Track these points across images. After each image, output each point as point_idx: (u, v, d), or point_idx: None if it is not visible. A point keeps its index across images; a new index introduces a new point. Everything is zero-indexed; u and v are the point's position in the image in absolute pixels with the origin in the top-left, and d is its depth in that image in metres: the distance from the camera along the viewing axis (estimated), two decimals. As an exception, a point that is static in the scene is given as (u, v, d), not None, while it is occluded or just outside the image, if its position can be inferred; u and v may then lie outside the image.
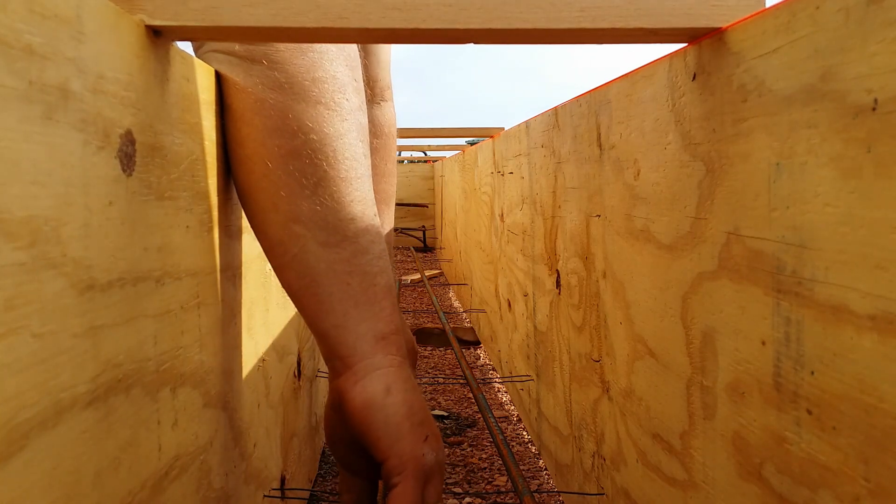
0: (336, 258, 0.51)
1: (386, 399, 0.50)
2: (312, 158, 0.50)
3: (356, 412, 0.50)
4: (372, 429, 0.50)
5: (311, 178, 0.50)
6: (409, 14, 0.39)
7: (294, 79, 0.50)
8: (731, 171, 0.40)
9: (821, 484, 0.32)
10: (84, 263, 0.29)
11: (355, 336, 0.51)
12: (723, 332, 0.42)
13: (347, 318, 0.51)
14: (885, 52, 0.27)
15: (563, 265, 0.85)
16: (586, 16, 0.40)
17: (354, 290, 0.51)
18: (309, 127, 0.50)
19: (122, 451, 0.33)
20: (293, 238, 0.50)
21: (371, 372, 0.51)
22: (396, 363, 0.52)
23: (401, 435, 0.50)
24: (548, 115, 0.90)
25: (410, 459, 0.49)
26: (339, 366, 0.52)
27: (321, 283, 0.51)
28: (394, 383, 0.51)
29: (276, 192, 0.50)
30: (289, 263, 0.51)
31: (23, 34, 0.25)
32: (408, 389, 0.51)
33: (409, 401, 0.51)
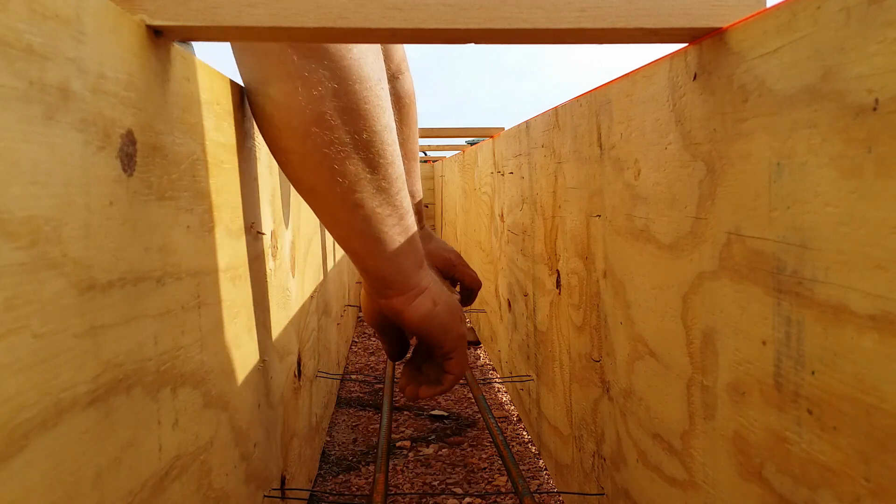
0: (391, 224, 0.67)
1: (435, 309, 0.74)
2: (366, 153, 0.62)
3: (416, 323, 0.74)
4: (431, 332, 0.75)
5: (368, 171, 0.63)
6: (409, 14, 0.39)
7: (345, 84, 0.59)
8: (732, 170, 0.40)
9: (821, 484, 0.32)
10: (84, 263, 0.29)
11: (406, 271, 0.71)
12: (723, 332, 0.42)
13: (399, 261, 0.70)
14: (886, 52, 0.27)
15: (563, 265, 0.84)
16: (586, 16, 0.40)
17: (404, 245, 0.69)
18: (362, 127, 0.61)
19: (123, 451, 0.33)
20: (360, 218, 0.65)
21: (419, 293, 0.73)
22: (432, 282, 0.75)
23: (449, 328, 0.76)
24: (548, 115, 0.90)
25: (458, 338, 0.77)
26: (390, 293, 0.73)
27: (382, 242, 0.68)
28: (436, 296, 0.74)
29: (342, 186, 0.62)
30: (355, 235, 0.67)
31: (23, 34, 0.25)
32: (445, 298, 0.76)
33: (447, 304, 0.76)
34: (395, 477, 1.04)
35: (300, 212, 0.93)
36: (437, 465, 1.09)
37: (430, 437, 1.20)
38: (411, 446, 1.16)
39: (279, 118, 0.59)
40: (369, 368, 1.61)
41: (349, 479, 1.04)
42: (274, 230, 0.72)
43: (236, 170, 0.55)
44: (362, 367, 1.62)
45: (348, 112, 0.59)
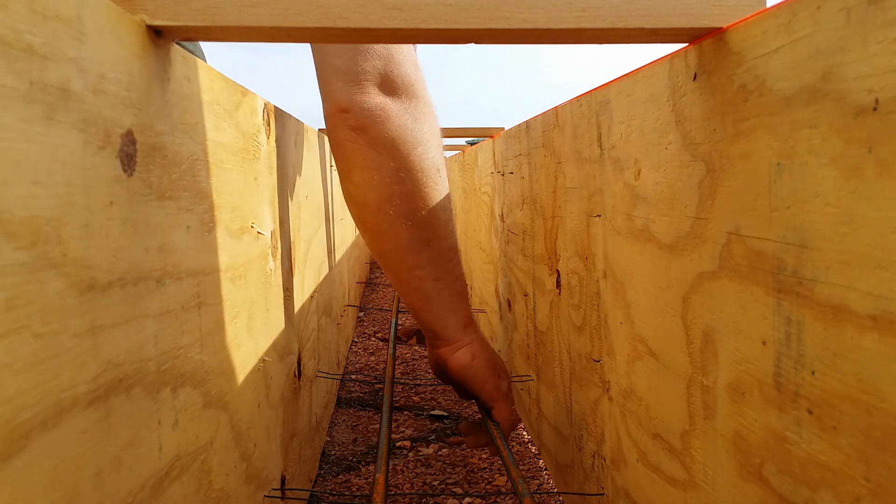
0: (442, 286, 0.81)
1: (472, 362, 0.85)
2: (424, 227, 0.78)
3: (455, 372, 0.85)
4: (468, 381, 0.85)
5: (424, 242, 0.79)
6: (409, 14, 0.39)
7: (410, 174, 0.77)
8: (732, 171, 0.40)
9: (821, 484, 0.32)
10: (85, 263, 0.29)
11: (452, 327, 0.84)
12: (723, 332, 0.42)
13: (446, 318, 0.83)
14: (886, 52, 0.27)
15: (563, 265, 0.84)
16: (586, 16, 0.40)
17: (452, 301, 0.83)
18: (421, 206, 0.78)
19: (123, 451, 0.33)
20: (416, 279, 0.80)
21: (461, 347, 0.85)
22: (476, 339, 0.86)
23: (486, 380, 0.85)
24: (548, 115, 0.90)
25: (495, 390, 0.86)
26: (439, 343, 0.85)
27: (433, 301, 0.82)
28: (476, 351, 0.85)
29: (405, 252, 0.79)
30: (412, 292, 0.82)
31: (24, 34, 0.25)
32: (485, 353, 0.86)
33: (487, 359, 0.86)
34: (395, 477, 1.04)
35: (300, 212, 0.93)
36: (437, 465, 1.09)
37: (430, 437, 1.20)
38: (411, 446, 1.16)
39: (359, 197, 0.78)
40: (369, 368, 1.61)
41: (349, 479, 1.04)
42: (274, 230, 0.72)
43: (236, 170, 0.55)
44: (362, 367, 1.62)
45: (411, 195, 0.77)
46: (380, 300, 2.44)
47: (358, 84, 0.74)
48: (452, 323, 0.84)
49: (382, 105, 0.75)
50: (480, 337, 0.87)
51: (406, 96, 0.77)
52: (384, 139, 0.75)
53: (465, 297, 0.85)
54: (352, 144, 0.75)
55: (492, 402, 0.86)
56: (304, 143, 1.01)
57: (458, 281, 0.83)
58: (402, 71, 0.76)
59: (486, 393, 0.85)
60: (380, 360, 1.68)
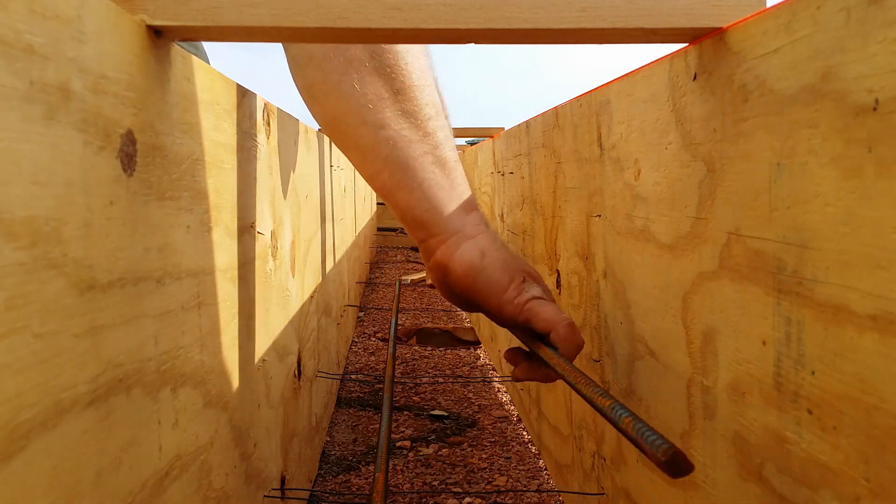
0: (421, 151, 0.59)
1: (483, 261, 0.59)
2: (391, 73, 0.58)
3: (460, 279, 0.59)
4: (478, 289, 0.59)
5: (391, 89, 0.58)
6: (409, 14, 0.39)
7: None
8: (732, 171, 0.40)
9: (821, 484, 0.32)
10: (85, 263, 0.29)
11: (446, 215, 0.60)
12: (723, 332, 0.42)
13: (438, 201, 0.60)
14: (886, 52, 0.27)
15: (563, 265, 0.84)
16: (586, 16, 0.40)
17: (439, 177, 0.60)
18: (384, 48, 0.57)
19: (123, 451, 0.33)
20: (383, 141, 0.58)
21: (464, 241, 0.59)
22: (483, 229, 0.61)
23: (503, 288, 0.58)
24: (548, 115, 0.90)
25: (521, 295, 0.58)
26: (433, 244, 0.60)
27: (412, 176, 0.59)
28: (486, 246, 0.59)
29: (363, 106, 0.58)
30: (382, 165, 0.59)
31: (24, 34, 0.25)
32: (498, 248, 0.60)
33: (502, 257, 0.59)
34: (395, 477, 1.04)
35: (300, 212, 0.93)
36: (437, 465, 1.09)
37: (430, 437, 1.20)
38: (411, 446, 1.16)
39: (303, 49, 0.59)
40: (369, 368, 1.61)
41: (349, 479, 1.04)
42: (274, 230, 0.72)
43: (236, 170, 0.55)
44: (362, 367, 1.62)
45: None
46: (380, 300, 2.44)
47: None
48: (446, 203, 0.60)
49: None
50: (488, 227, 0.62)
51: None
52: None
53: (458, 171, 0.62)
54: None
55: (520, 312, 0.58)
56: (304, 142, 1.01)
57: (444, 146, 0.61)
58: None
59: (506, 305, 0.58)
60: (380, 360, 1.68)
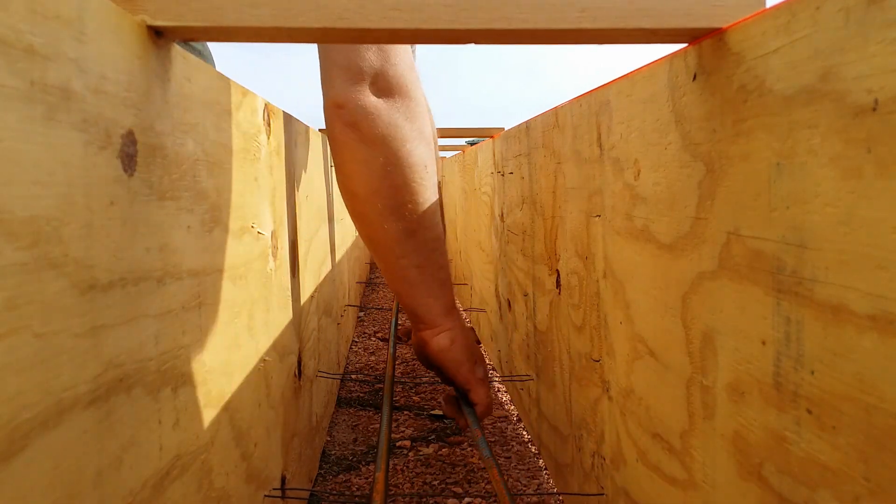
0: (426, 274, 0.87)
1: (451, 346, 0.89)
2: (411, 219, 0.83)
3: (433, 355, 0.90)
4: (446, 364, 0.90)
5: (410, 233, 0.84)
6: (409, 14, 0.39)
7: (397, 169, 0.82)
8: (732, 171, 0.40)
9: (821, 483, 0.32)
10: (85, 263, 0.29)
11: (434, 312, 0.89)
12: (723, 332, 0.42)
13: (428, 303, 0.89)
14: (886, 53, 0.27)
15: (563, 265, 0.85)
16: (587, 16, 0.40)
17: (435, 288, 0.88)
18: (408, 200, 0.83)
19: (124, 450, 0.33)
20: (401, 267, 0.86)
21: (442, 331, 0.89)
22: (457, 325, 0.91)
23: (461, 363, 0.90)
24: (548, 115, 0.90)
25: (470, 373, 0.90)
26: (422, 326, 0.90)
27: (416, 287, 0.87)
28: (455, 337, 0.90)
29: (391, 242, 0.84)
30: (398, 279, 0.87)
31: (24, 34, 0.25)
32: (464, 339, 0.91)
33: (465, 346, 0.90)
34: (395, 477, 1.04)
35: (300, 212, 0.93)
36: (437, 464, 1.09)
37: (430, 437, 1.20)
38: (411, 446, 1.16)
39: (350, 187, 0.83)
40: (369, 368, 1.61)
41: (349, 479, 1.04)
42: (274, 230, 0.72)
43: (236, 170, 0.55)
44: (362, 367, 1.62)
45: (398, 188, 0.82)
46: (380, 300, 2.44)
47: (355, 82, 0.80)
48: (435, 308, 0.89)
49: (375, 104, 0.81)
50: (461, 324, 0.93)
51: (398, 95, 0.82)
52: (374, 135, 0.80)
53: (447, 284, 0.90)
54: (344, 138, 0.80)
55: (467, 384, 0.91)
56: (305, 143, 1.01)
57: (441, 270, 0.88)
58: (396, 71, 0.82)
59: (462, 376, 0.91)
60: (380, 360, 1.68)
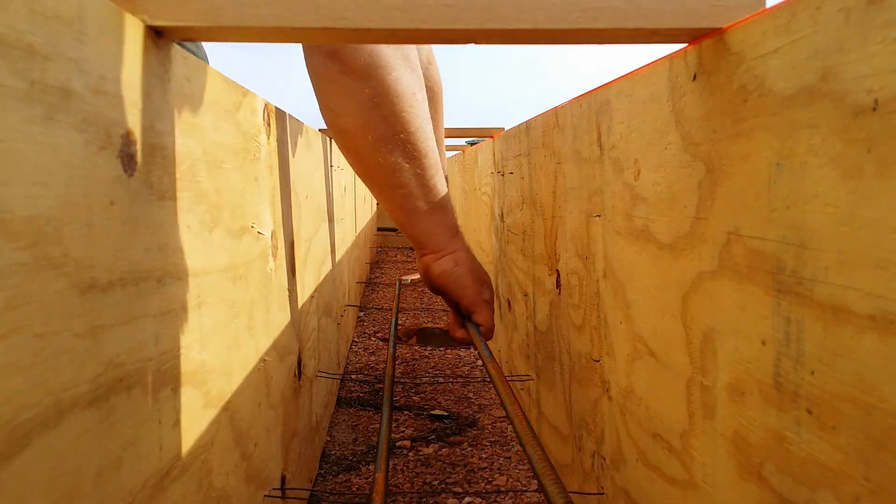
0: (425, 201, 0.85)
1: (455, 268, 0.89)
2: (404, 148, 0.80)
3: (437, 278, 0.90)
4: (450, 287, 0.90)
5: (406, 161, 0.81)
6: (409, 14, 0.39)
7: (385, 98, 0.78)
8: (732, 171, 0.40)
9: (821, 483, 0.32)
10: (85, 263, 0.29)
11: (437, 237, 0.88)
12: (723, 332, 0.42)
13: (430, 229, 0.88)
14: (886, 53, 0.27)
15: (563, 265, 0.85)
16: (586, 16, 0.40)
17: (436, 213, 0.87)
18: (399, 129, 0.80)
19: (124, 450, 0.33)
20: (399, 196, 0.84)
21: (445, 255, 0.89)
22: (460, 248, 0.90)
23: (467, 286, 0.89)
24: (548, 115, 0.90)
25: (476, 295, 0.89)
26: (426, 251, 0.90)
27: (417, 215, 0.86)
28: (459, 259, 0.89)
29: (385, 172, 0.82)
30: (397, 209, 0.85)
31: (24, 34, 0.25)
32: (469, 261, 0.90)
33: (469, 267, 0.89)
34: (395, 476, 1.04)
35: (300, 212, 0.93)
36: (437, 464, 1.09)
37: (430, 437, 1.20)
38: (411, 446, 1.16)
39: (337, 124, 0.80)
40: (369, 368, 1.61)
41: (349, 479, 1.04)
42: (274, 230, 0.72)
43: (236, 170, 0.55)
44: (362, 367, 1.62)
45: (387, 119, 0.78)
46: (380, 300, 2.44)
47: None
48: (437, 234, 0.89)
49: None
50: (465, 247, 0.92)
51: None
52: (358, 65, 0.76)
53: (448, 209, 0.89)
54: (327, 72, 0.77)
55: (473, 306, 0.89)
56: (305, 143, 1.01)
57: (440, 195, 0.87)
58: None
59: (468, 298, 0.89)
60: (380, 360, 1.68)
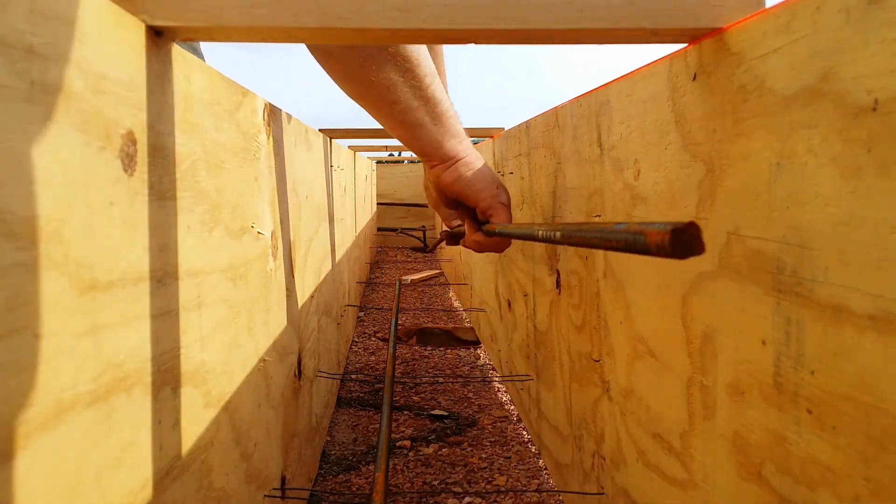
0: (423, 113, 0.81)
1: (467, 173, 0.86)
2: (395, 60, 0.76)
3: (449, 186, 0.86)
4: (463, 192, 0.86)
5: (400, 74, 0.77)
6: (409, 14, 0.39)
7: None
8: (732, 171, 0.40)
9: (821, 483, 0.32)
10: (85, 263, 0.29)
11: (444, 147, 0.85)
12: (723, 332, 0.42)
13: (436, 140, 0.84)
14: (885, 53, 0.27)
15: (563, 265, 0.85)
16: (586, 16, 0.40)
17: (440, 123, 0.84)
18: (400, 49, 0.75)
19: (123, 450, 0.33)
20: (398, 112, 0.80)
21: (456, 161, 0.86)
22: (469, 152, 0.87)
23: (482, 189, 0.85)
24: (548, 115, 0.90)
25: (493, 198, 0.85)
26: (434, 163, 0.86)
27: (419, 128, 0.83)
28: (470, 163, 0.86)
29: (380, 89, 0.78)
30: (398, 125, 0.82)
31: (24, 35, 0.25)
32: (480, 166, 0.86)
33: (481, 171, 0.86)
34: (395, 476, 1.04)
35: (300, 212, 0.93)
36: (437, 464, 1.09)
37: (430, 437, 1.20)
38: (411, 446, 1.16)
39: (321, 48, 0.74)
40: (369, 368, 1.61)
41: (349, 479, 1.04)
42: (274, 230, 0.72)
43: (236, 170, 0.55)
44: (362, 367, 1.62)
45: None
46: (380, 300, 2.44)
47: None
48: (443, 143, 0.85)
49: None
50: (475, 152, 0.88)
51: None
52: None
53: (451, 117, 0.85)
54: None
55: (490, 209, 0.85)
56: (305, 143, 1.01)
57: (441, 103, 0.83)
58: None
59: (485, 201, 0.85)
60: (380, 360, 1.68)
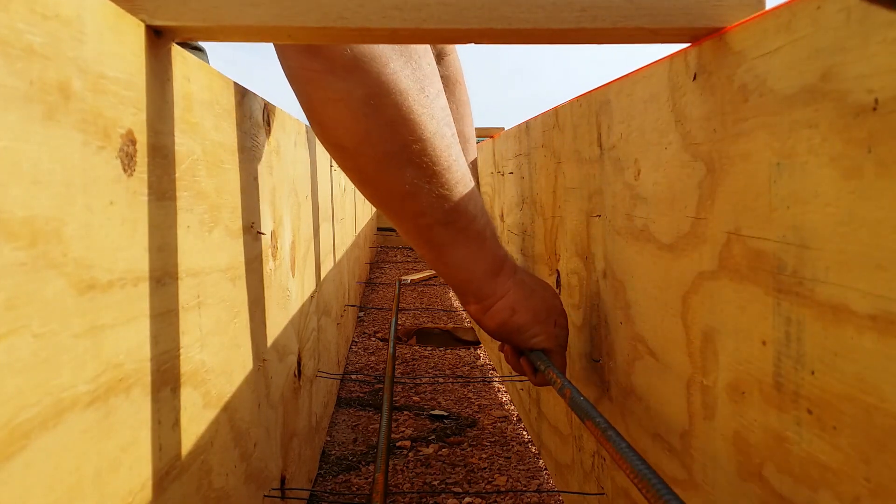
0: (455, 230, 0.65)
1: (513, 318, 0.68)
2: (419, 162, 0.61)
3: (494, 332, 0.70)
4: (513, 339, 0.70)
5: (425, 179, 0.62)
6: (409, 14, 0.39)
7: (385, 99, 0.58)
8: (732, 170, 0.40)
9: (821, 484, 0.32)
10: (85, 263, 0.29)
11: (479, 279, 0.68)
12: (723, 332, 0.42)
13: (468, 268, 0.67)
14: (886, 52, 0.27)
15: (563, 265, 0.84)
16: (587, 16, 0.40)
17: (471, 247, 0.66)
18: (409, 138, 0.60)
19: (123, 451, 0.33)
20: (421, 227, 0.64)
21: (495, 302, 0.68)
22: (512, 287, 0.69)
23: (535, 334, 0.69)
24: (548, 115, 0.90)
25: (548, 340, 0.69)
26: (469, 299, 0.70)
27: (447, 250, 0.66)
28: (515, 303, 0.68)
29: (402, 197, 0.63)
30: (422, 243, 0.66)
31: (24, 34, 0.25)
32: (529, 302, 0.69)
33: (531, 309, 0.69)
34: (395, 477, 1.04)
35: (300, 212, 0.93)
36: (437, 464, 1.09)
37: (430, 437, 1.20)
38: (411, 446, 1.16)
39: (333, 140, 0.60)
40: (369, 368, 1.61)
41: (349, 479, 1.04)
42: (274, 230, 0.72)
43: (236, 170, 0.55)
44: (362, 367, 1.62)
45: (393, 125, 0.59)
46: (380, 300, 2.44)
47: None
48: (478, 274, 0.67)
49: None
50: (520, 281, 0.70)
51: None
52: (343, 59, 0.56)
53: (487, 238, 0.68)
54: (308, 73, 0.57)
55: (550, 353, 0.71)
56: (305, 143, 1.01)
57: (475, 221, 0.66)
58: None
59: (538, 345, 0.70)
60: (380, 360, 1.68)
